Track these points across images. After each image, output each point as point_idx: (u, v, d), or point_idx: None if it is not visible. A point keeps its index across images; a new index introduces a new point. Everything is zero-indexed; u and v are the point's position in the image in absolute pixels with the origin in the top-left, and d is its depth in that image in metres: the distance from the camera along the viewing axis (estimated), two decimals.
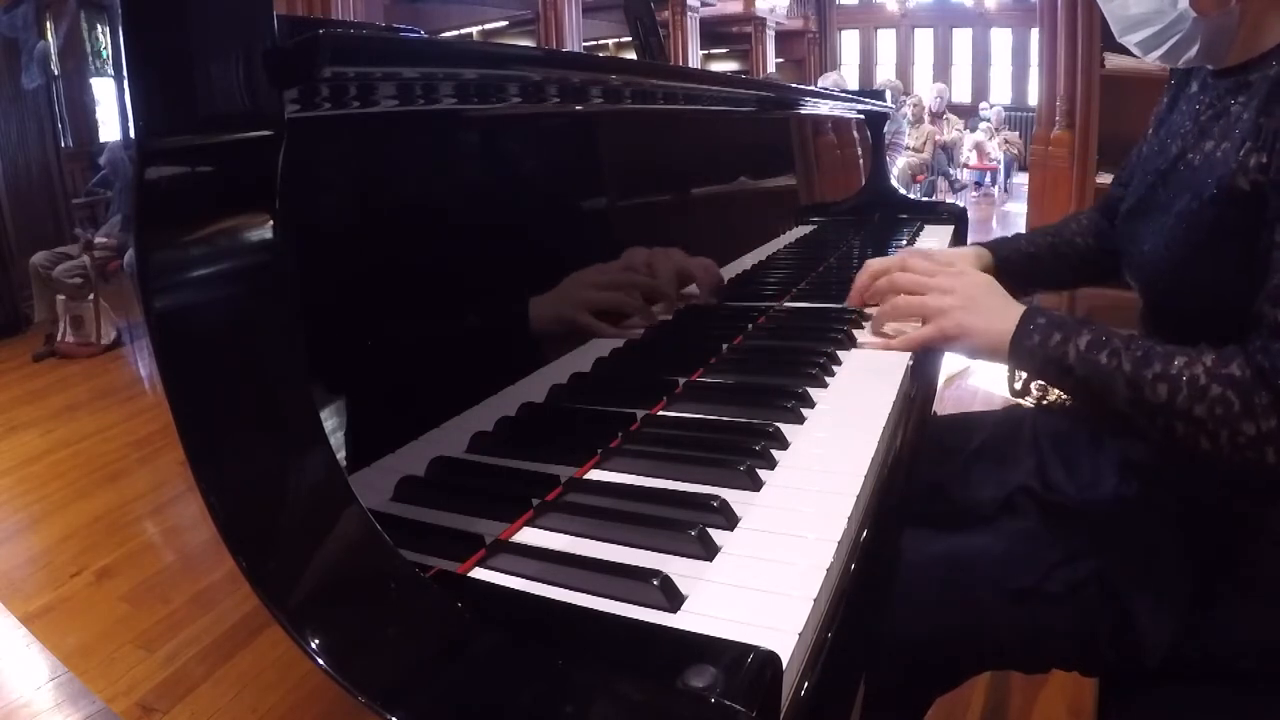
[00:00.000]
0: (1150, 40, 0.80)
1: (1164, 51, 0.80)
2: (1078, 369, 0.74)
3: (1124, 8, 0.80)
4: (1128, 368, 0.71)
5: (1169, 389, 0.68)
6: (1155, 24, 0.79)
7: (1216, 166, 0.74)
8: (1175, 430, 0.69)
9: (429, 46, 0.62)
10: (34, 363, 0.74)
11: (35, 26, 0.68)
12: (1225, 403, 0.66)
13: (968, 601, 0.80)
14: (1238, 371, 0.66)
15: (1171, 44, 0.79)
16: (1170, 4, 0.77)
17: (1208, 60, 0.80)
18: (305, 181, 0.47)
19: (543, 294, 0.74)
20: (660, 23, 3.16)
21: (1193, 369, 0.68)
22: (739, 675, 0.38)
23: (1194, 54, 0.79)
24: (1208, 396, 0.67)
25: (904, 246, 1.64)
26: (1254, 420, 0.65)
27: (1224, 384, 0.66)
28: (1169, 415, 0.68)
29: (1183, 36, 0.78)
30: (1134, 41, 0.82)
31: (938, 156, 7.83)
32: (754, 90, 1.46)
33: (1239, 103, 0.75)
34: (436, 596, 0.42)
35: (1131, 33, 0.82)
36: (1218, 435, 0.67)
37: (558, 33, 5.00)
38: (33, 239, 0.73)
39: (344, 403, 0.51)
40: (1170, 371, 0.69)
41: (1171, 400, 0.68)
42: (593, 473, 0.65)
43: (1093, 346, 0.73)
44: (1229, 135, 0.75)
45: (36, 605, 0.82)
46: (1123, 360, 0.71)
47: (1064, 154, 3.25)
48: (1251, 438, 0.65)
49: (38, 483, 0.76)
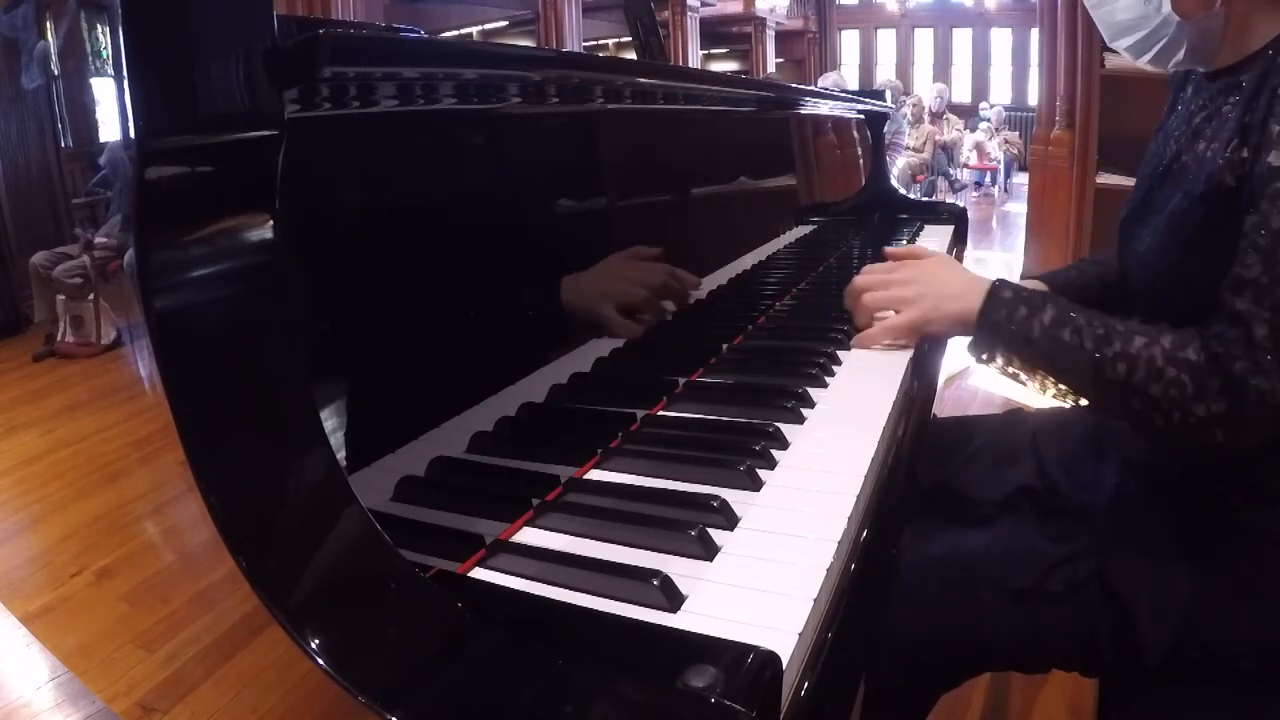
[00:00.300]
0: (1138, 45, 0.82)
1: (1153, 55, 0.81)
2: (1041, 344, 0.77)
3: (1112, 14, 0.82)
4: (1089, 345, 0.74)
5: (1127, 367, 0.72)
6: (1142, 29, 0.80)
7: (1205, 165, 0.75)
8: (1131, 406, 0.73)
9: (429, 46, 0.62)
10: (34, 363, 0.74)
11: (35, 26, 0.67)
12: (1179, 385, 0.70)
13: (968, 602, 0.80)
14: (1193, 356, 0.70)
15: (1159, 48, 0.80)
16: (1155, 9, 0.78)
17: (1196, 63, 0.81)
18: (305, 181, 0.47)
19: (557, 288, 0.74)
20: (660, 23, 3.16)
21: (1150, 350, 0.71)
22: (739, 675, 0.38)
23: (1182, 57, 0.80)
24: (1163, 378, 0.70)
25: (903, 246, 1.64)
26: (1204, 403, 0.69)
27: (1179, 367, 0.70)
28: (1126, 392, 0.72)
29: (1169, 40, 0.79)
30: (1124, 46, 0.83)
31: (938, 156, 7.82)
32: (754, 90, 1.46)
33: (1230, 104, 0.76)
34: (436, 596, 0.42)
35: (1121, 38, 0.83)
36: (1171, 414, 0.71)
37: (558, 33, 5.00)
38: (33, 239, 0.73)
39: (344, 403, 0.51)
40: (1129, 351, 0.72)
41: (1129, 378, 0.72)
42: (593, 473, 0.65)
43: (1056, 323, 0.77)
44: (1218, 134, 0.75)
45: (36, 605, 0.82)
46: (1084, 338, 0.75)
47: (1064, 154, 3.25)
48: (1201, 419, 0.69)
49: (38, 483, 0.76)
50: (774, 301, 1.17)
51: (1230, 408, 0.68)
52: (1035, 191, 3.52)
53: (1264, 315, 0.67)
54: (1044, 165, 3.39)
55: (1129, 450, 0.89)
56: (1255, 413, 0.67)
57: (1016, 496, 0.93)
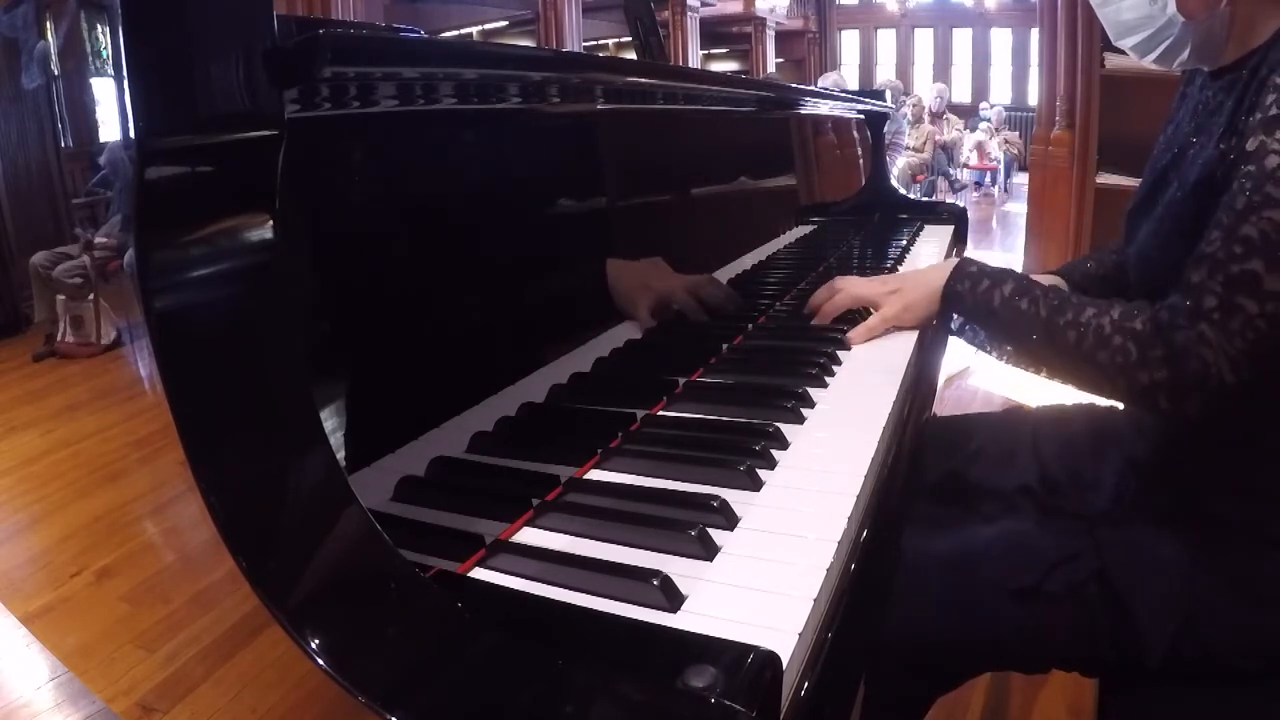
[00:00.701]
0: (1143, 45, 0.82)
1: (1158, 55, 0.81)
2: (1000, 313, 0.83)
3: (1117, 13, 0.82)
4: (1044, 314, 0.79)
5: (1077, 335, 0.76)
6: (1147, 29, 0.80)
7: (1200, 157, 0.76)
8: (1082, 373, 0.77)
9: (429, 46, 0.62)
10: (34, 363, 0.74)
11: (35, 26, 0.67)
12: (1124, 352, 0.73)
13: (968, 602, 0.80)
14: (1139, 326, 0.73)
15: (1164, 48, 0.80)
16: (1160, 9, 0.78)
17: (1201, 62, 0.81)
18: (305, 181, 0.47)
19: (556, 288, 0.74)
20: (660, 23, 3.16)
21: (1100, 319, 0.75)
22: (739, 675, 0.38)
23: (1187, 56, 0.80)
24: (1110, 345, 0.74)
25: (904, 246, 1.64)
26: (1148, 370, 0.71)
27: (1125, 335, 0.73)
28: (1077, 359, 0.76)
29: (1174, 40, 0.79)
30: (1129, 46, 0.84)
31: (938, 156, 7.81)
32: (754, 90, 1.46)
33: (1231, 98, 0.76)
34: (436, 596, 0.42)
35: (1126, 37, 0.83)
36: (1116, 381, 0.74)
37: (558, 33, 5.00)
38: (33, 239, 0.73)
39: (344, 403, 0.51)
40: (1080, 320, 0.76)
41: (1078, 345, 0.75)
42: (593, 473, 0.65)
43: (1016, 293, 0.83)
44: (1216, 129, 0.75)
45: (36, 605, 0.82)
46: (1040, 307, 0.80)
47: (1064, 154, 3.25)
48: (1145, 386, 0.72)
49: (38, 483, 0.76)
50: (774, 301, 1.17)
51: (1170, 375, 0.70)
52: (1035, 191, 3.52)
53: (1215, 288, 0.68)
54: (1044, 165, 3.38)
55: (1129, 450, 0.89)
56: (1195, 382, 0.69)
57: (1017, 496, 0.93)
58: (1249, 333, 0.67)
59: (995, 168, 8.82)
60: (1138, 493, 0.86)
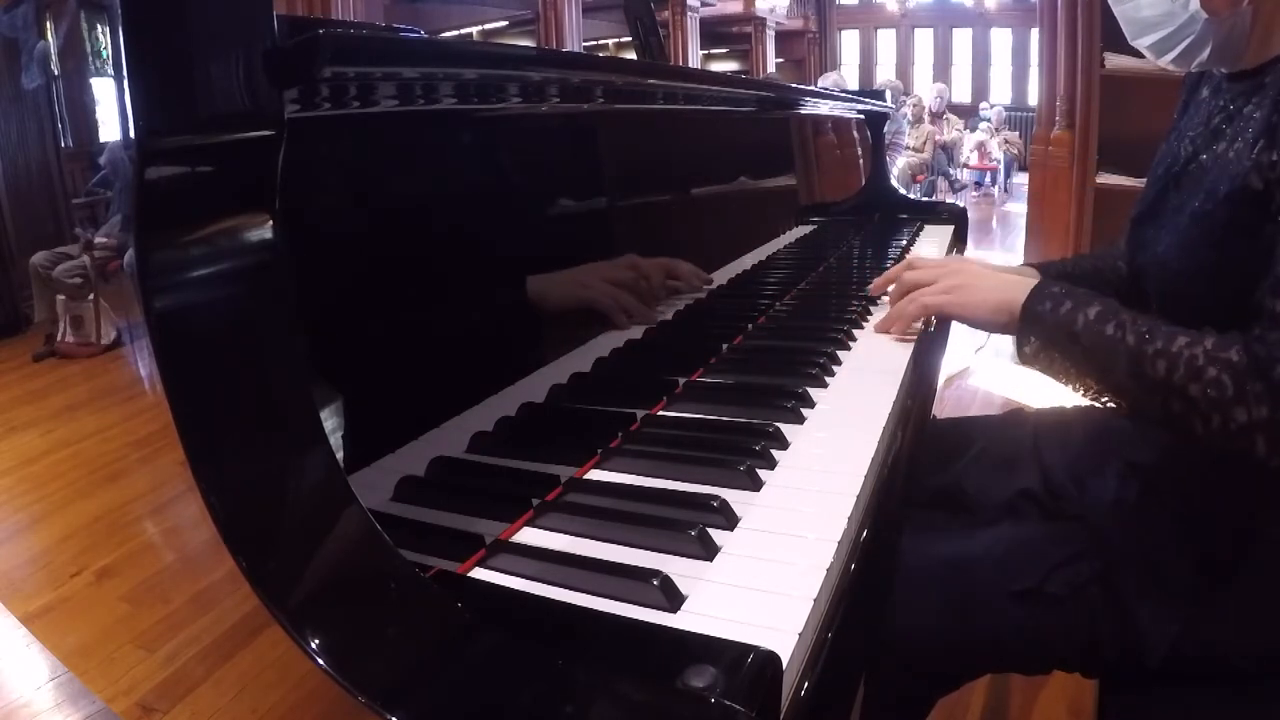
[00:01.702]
0: (1162, 43, 0.80)
1: (1177, 55, 0.80)
2: (1084, 337, 0.75)
3: (1136, 10, 0.80)
4: (1131, 341, 0.72)
5: (1167, 365, 0.69)
6: (1167, 26, 0.78)
7: (1229, 166, 0.74)
8: (1171, 408, 0.70)
9: (429, 46, 0.62)
10: (34, 363, 0.74)
11: (35, 26, 0.67)
12: (1219, 385, 0.66)
13: (969, 603, 0.80)
14: (1235, 357, 0.67)
15: (1184, 47, 0.79)
16: (1182, 6, 0.76)
17: (1221, 63, 0.80)
18: (305, 181, 0.47)
19: (547, 286, 0.74)
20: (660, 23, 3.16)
21: (1192, 349, 0.68)
22: (739, 675, 0.38)
23: (1206, 56, 0.78)
24: (1204, 377, 0.67)
25: (904, 246, 1.64)
26: (1245, 407, 0.65)
27: (1220, 367, 0.67)
28: (1166, 392, 0.69)
29: (1195, 39, 0.77)
30: (1146, 45, 0.82)
31: (938, 156, 7.82)
32: (754, 90, 1.46)
33: (1253, 104, 0.75)
34: (436, 596, 0.42)
35: (1144, 36, 0.81)
36: (1210, 418, 0.67)
37: (558, 33, 5.00)
38: (33, 239, 0.73)
39: (344, 403, 0.51)
40: (1171, 349, 0.69)
41: (1169, 377, 0.69)
42: (593, 473, 0.65)
43: (1101, 318, 0.75)
44: (1241, 135, 0.74)
45: (36, 605, 0.82)
46: (1127, 333, 0.72)
47: (1064, 154, 3.25)
48: (1242, 425, 0.66)
49: (38, 483, 0.76)
50: (774, 301, 1.17)
51: (1272, 413, 0.65)
52: (1035, 191, 3.52)
53: None
54: (1044, 165, 3.38)
55: (1130, 453, 0.89)
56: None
57: (1018, 499, 0.93)
58: None
59: (995, 168, 8.82)
60: (1139, 495, 0.86)
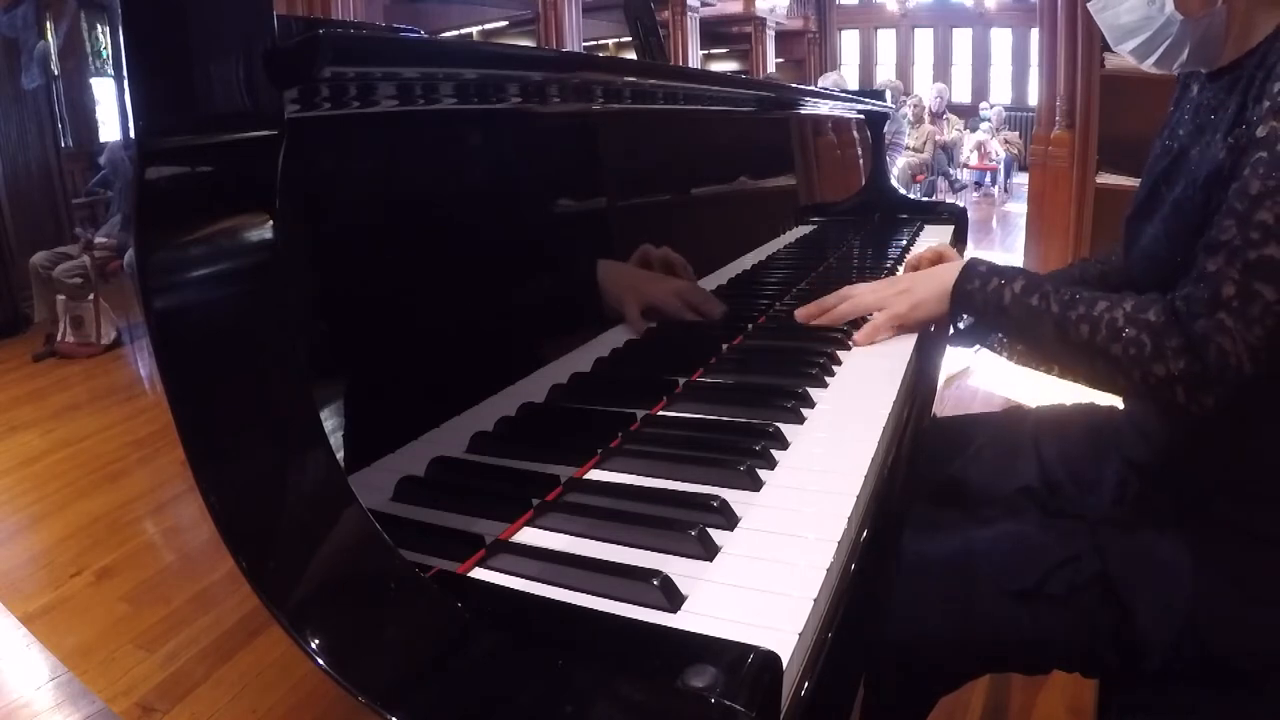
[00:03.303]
0: (1143, 48, 0.82)
1: (1158, 57, 0.82)
2: (1012, 310, 0.82)
3: (1116, 17, 0.83)
4: (1055, 309, 0.78)
5: (1090, 329, 0.75)
6: (1146, 31, 0.81)
7: (1208, 154, 0.76)
8: (1096, 368, 0.76)
9: (429, 46, 0.62)
10: (34, 363, 0.74)
11: (35, 26, 0.67)
12: (1138, 344, 0.72)
13: (969, 603, 0.80)
14: (1153, 316, 0.72)
15: (1163, 49, 0.81)
16: (1158, 9, 0.79)
17: (1200, 63, 0.81)
18: (305, 181, 0.47)
19: (556, 288, 0.74)
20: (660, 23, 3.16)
21: (1112, 312, 0.74)
22: (739, 675, 0.38)
23: (1186, 57, 0.80)
24: (1123, 338, 0.73)
25: (904, 246, 1.64)
26: (1164, 362, 0.70)
27: (1139, 327, 0.72)
28: (1090, 353, 0.75)
29: (1173, 41, 0.80)
30: (1129, 50, 0.84)
31: (938, 156, 7.82)
32: (754, 90, 1.46)
33: (1232, 96, 0.76)
34: (436, 596, 0.42)
35: (1126, 41, 0.84)
36: (1131, 374, 0.73)
37: (558, 33, 5.00)
38: (33, 239, 0.73)
39: (344, 403, 0.51)
40: (1093, 313, 0.75)
41: (1091, 339, 0.75)
42: (593, 473, 0.65)
43: (1026, 290, 0.82)
44: (1220, 126, 0.75)
45: (36, 605, 0.82)
46: (1051, 302, 0.79)
47: (1064, 154, 3.25)
48: (1161, 378, 0.71)
49: (38, 483, 0.76)
50: (774, 301, 1.17)
51: (1189, 365, 0.69)
52: (1035, 191, 3.52)
53: (1233, 276, 0.67)
54: (1044, 165, 3.38)
55: (1130, 451, 0.89)
56: (1215, 372, 0.68)
57: (1017, 498, 0.93)
58: (1269, 319, 0.66)
59: (995, 168, 8.82)
60: (1139, 494, 0.86)
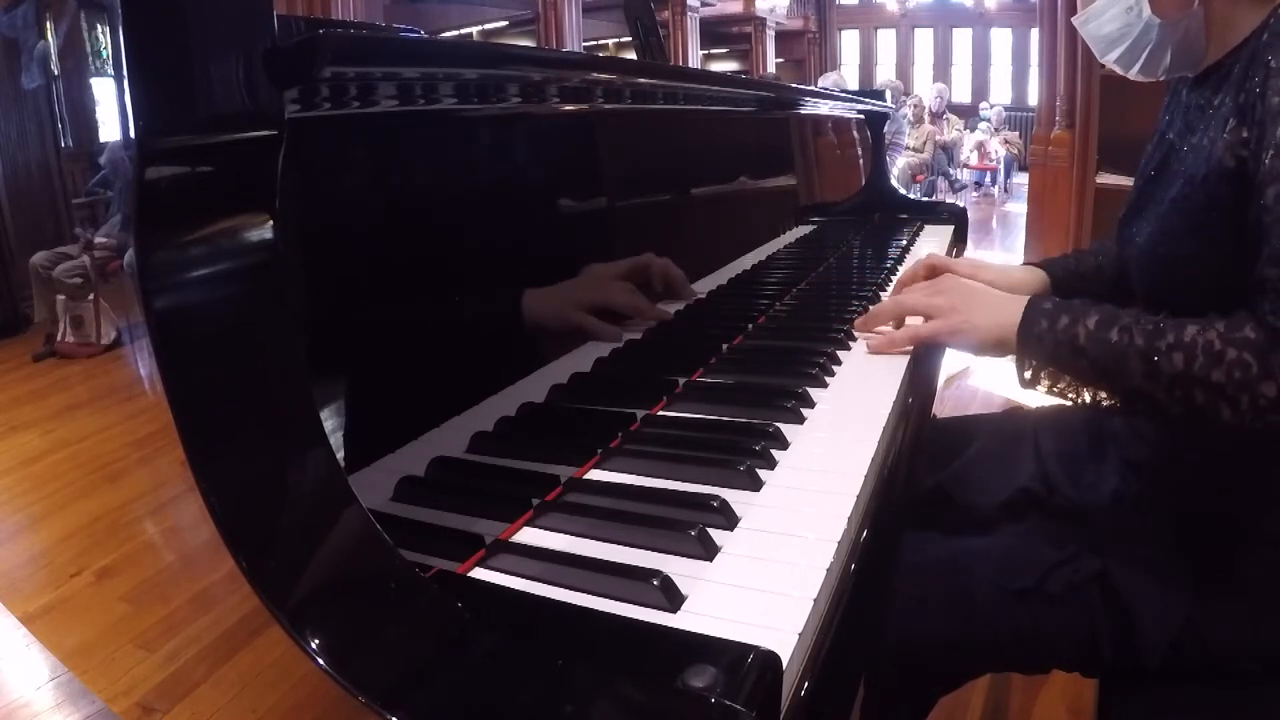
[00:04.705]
0: (1125, 56, 0.83)
1: (1141, 64, 0.82)
2: (1090, 349, 0.73)
3: (1099, 28, 0.83)
4: (1140, 342, 0.70)
5: (1184, 357, 0.67)
6: (1127, 39, 0.81)
7: (1204, 152, 0.75)
8: (1194, 399, 0.68)
9: (429, 46, 0.62)
10: (34, 363, 0.74)
11: (35, 26, 0.67)
12: (1243, 365, 0.65)
13: (968, 603, 0.80)
14: (1252, 334, 0.66)
15: (1146, 56, 0.81)
16: (1136, 16, 0.79)
17: (1184, 67, 0.82)
18: (305, 181, 0.47)
19: (541, 293, 0.74)
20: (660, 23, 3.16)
21: (1206, 335, 0.67)
22: (739, 675, 0.38)
23: (1169, 62, 0.81)
24: (1225, 360, 0.66)
25: (904, 247, 1.64)
26: (1274, 380, 0.64)
27: (1240, 347, 0.66)
28: (1187, 384, 0.68)
29: (1154, 46, 0.80)
30: (1114, 59, 0.85)
31: (938, 156, 7.82)
32: (754, 90, 1.46)
33: (1221, 93, 0.76)
34: (436, 596, 0.42)
35: (1110, 50, 0.84)
36: (1238, 400, 0.66)
37: (558, 33, 5.00)
38: (33, 239, 0.73)
39: (344, 403, 0.51)
40: (1184, 340, 0.68)
41: (1189, 368, 0.67)
42: (593, 473, 0.65)
43: (1102, 325, 0.73)
44: (1214, 122, 0.75)
45: (36, 605, 0.82)
46: (1134, 335, 0.70)
47: (1064, 154, 3.25)
48: (1272, 399, 0.65)
49: (38, 483, 0.76)
50: (774, 301, 1.17)
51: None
52: (1035, 191, 3.53)
53: None
54: (1044, 165, 3.39)
55: (1129, 450, 0.89)
56: None
57: (1017, 498, 0.93)
58: None
59: (995, 168, 8.82)
60: (1138, 493, 0.86)
